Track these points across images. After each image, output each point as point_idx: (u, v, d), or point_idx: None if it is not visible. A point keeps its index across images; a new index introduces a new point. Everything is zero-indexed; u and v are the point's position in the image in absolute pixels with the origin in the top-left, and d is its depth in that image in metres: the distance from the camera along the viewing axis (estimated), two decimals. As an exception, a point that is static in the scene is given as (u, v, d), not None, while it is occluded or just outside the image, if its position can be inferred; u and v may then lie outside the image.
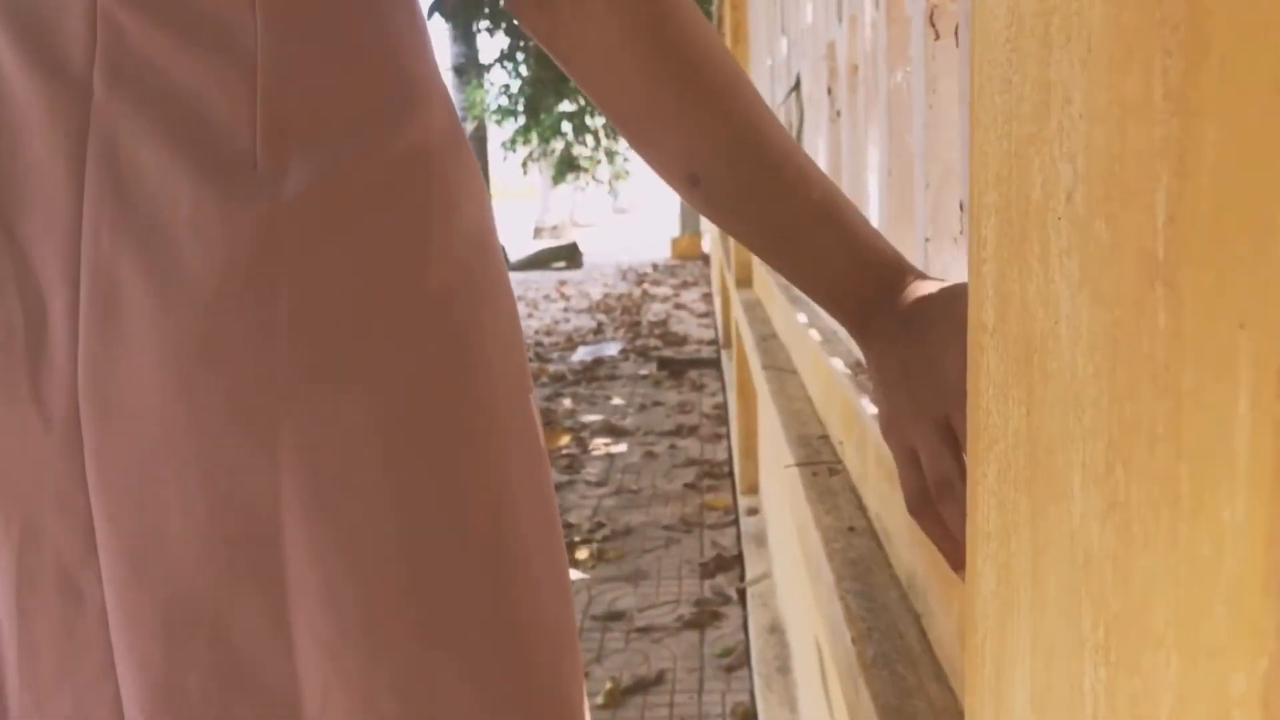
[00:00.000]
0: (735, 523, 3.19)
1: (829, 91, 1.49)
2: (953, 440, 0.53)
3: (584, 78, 0.61)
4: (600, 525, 3.23)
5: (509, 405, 0.59)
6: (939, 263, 0.87)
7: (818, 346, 1.41)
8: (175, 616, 0.50)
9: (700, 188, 0.61)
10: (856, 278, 0.59)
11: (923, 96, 0.86)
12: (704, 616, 2.56)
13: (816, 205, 0.60)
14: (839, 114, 1.48)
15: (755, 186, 0.60)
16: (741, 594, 2.65)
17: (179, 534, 0.50)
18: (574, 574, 2.87)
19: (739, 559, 2.89)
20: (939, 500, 0.53)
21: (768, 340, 2.20)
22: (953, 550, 0.54)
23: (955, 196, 0.87)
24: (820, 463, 1.22)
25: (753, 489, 3.33)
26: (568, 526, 3.24)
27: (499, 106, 12.36)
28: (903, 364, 0.55)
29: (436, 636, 0.54)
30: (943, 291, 0.56)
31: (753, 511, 3.13)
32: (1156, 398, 0.23)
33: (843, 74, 1.36)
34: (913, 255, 1.01)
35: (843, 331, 1.28)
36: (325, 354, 0.50)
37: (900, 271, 0.59)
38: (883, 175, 1.08)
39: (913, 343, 0.55)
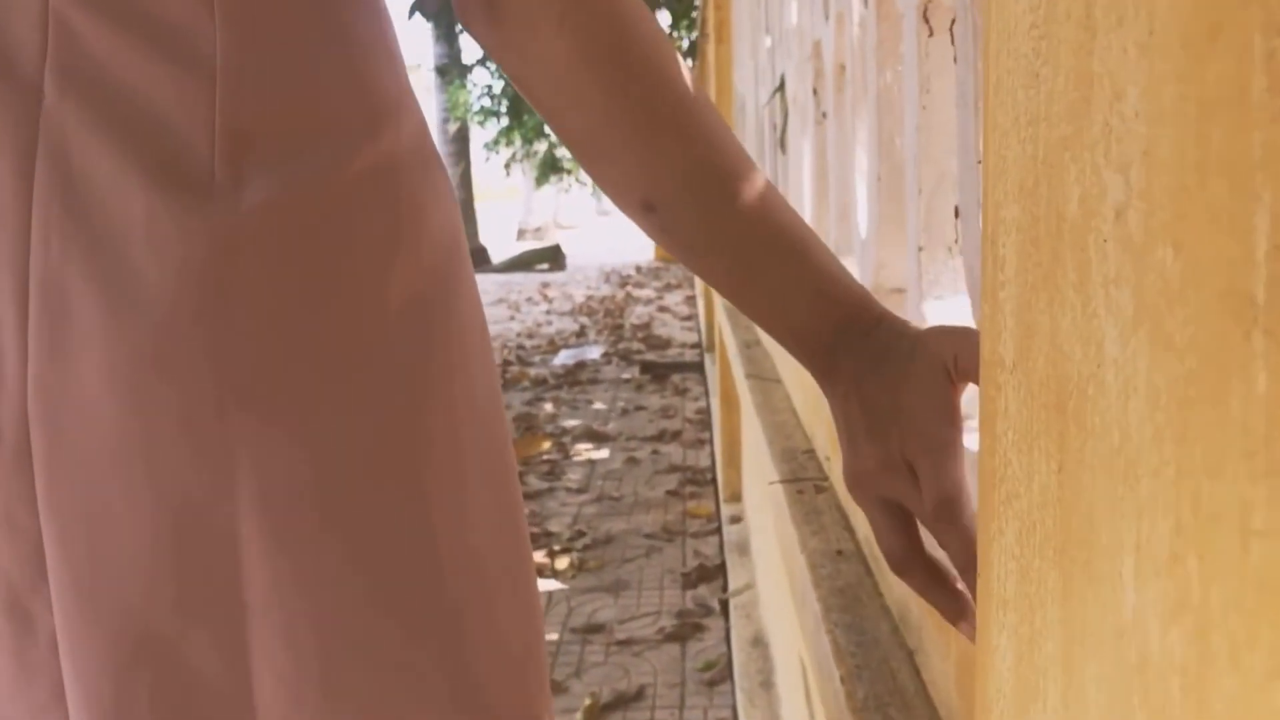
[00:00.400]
0: (718, 531, 3.14)
1: (814, 93, 1.44)
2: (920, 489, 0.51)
3: (533, 96, 0.59)
4: (580, 534, 3.18)
5: (476, 431, 0.56)
6: (931, 272, 0.82)
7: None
8: (125, 650, 0.49)
9: (656, 215, 0.58)
10: (819, 316, 0.56)
11: (915, 97, 0.81)
12: (686, 629, 2.51)
13: (779, 237, 0.57)
14: (825, 116, 1.43)
15: (713, 216, 0.57)
16: (724, 605, 2.60)
17: (130, 562, 0.48)
18: (553, 585, 2.82)
19: (722, 568, 2.84)
20: (924, 556, 0.52)
21: (751, 348, 2.15)
22: (949, 605, 0.51)
23: (950, 202, 0.82)
24: (805, 479, 1.17)
25: (736, 497, 3.28)
26: (548, 535, 3.19)
27: (481, 108, 12.29)
28: (867, 411, 0.53)
29: (396, 676, 0.52)
30: (912, 334, 0.54)
31: (736, 519, 3.08)
32: (1253, 481, 0.17)
33: (829, 74, 1.31)
34: (904, 265, 0.95)
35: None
36: (282, 373, 0.48)
37: (866, 311, 0.56)
38: (872, 180, 1.03)
39: (880, 387, 0.53)
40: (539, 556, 2.99)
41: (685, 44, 9.27)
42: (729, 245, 0.58)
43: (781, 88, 1.88)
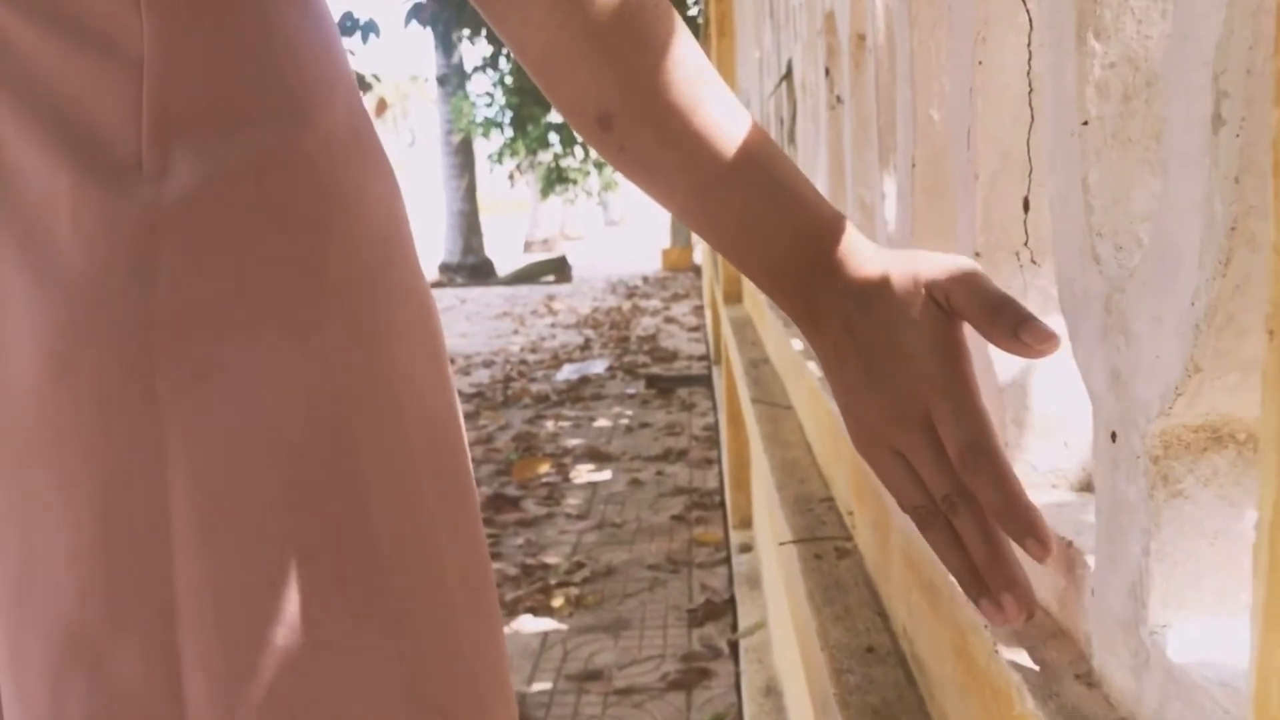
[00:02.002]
0: (727, 560, 2.92)
1: (826, 73, 1.23)
2: (940, 445, 0.48)
3: (490, 13, 0.57)
4: (579, 565, 2.96)
5: (424, 428, 0.54)
6: (997, 283, 0.61)
7: (816, 382, 1.15)
8: (58, 656, 0.47)
9: (613, 131, 0.56)
10: (792, 244, 0.54)
11: (969, 47, 0.60)
12: (691, 675, 2.29)
13: (744, 153, 0.55)
14: (840, 100, 1.22)
15: (672, 128, 0.55)
16: (734, 647, 2.38)
17: (64, 558, 0.47)
18: (549, 625, 2.60)
19: (731, 604, 2.62)
20: (951, 513, 0.48)
21: (759, 367, 1.94)
22: (970, 577, 0.48)
23: (1015, 191, 0.61)
24: (824, 539, 0.96)
25: (745, 523, 3.06)
26: (544, 568, 2.97)
27: (485, 119, 12.12)
28: (864, 358, 0.51)
29: (338, 673, 0.49)
30: (896, 259, 0.52)
31: (746, 548, 2.86)
32: None
33: (844, 48, 1.09)
34: None
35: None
36: (212, 352, 0.47)
37: (846, 236, 0.53)
38: (903, 170, 0.82)
39: (874, 331, 0.50)
40: (534, 592, 2.77)
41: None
42: (690, 162, 0.55)
43: (788, 75, 1.66)
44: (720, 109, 0.55)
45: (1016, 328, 0.47)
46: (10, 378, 0.46)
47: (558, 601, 2.70)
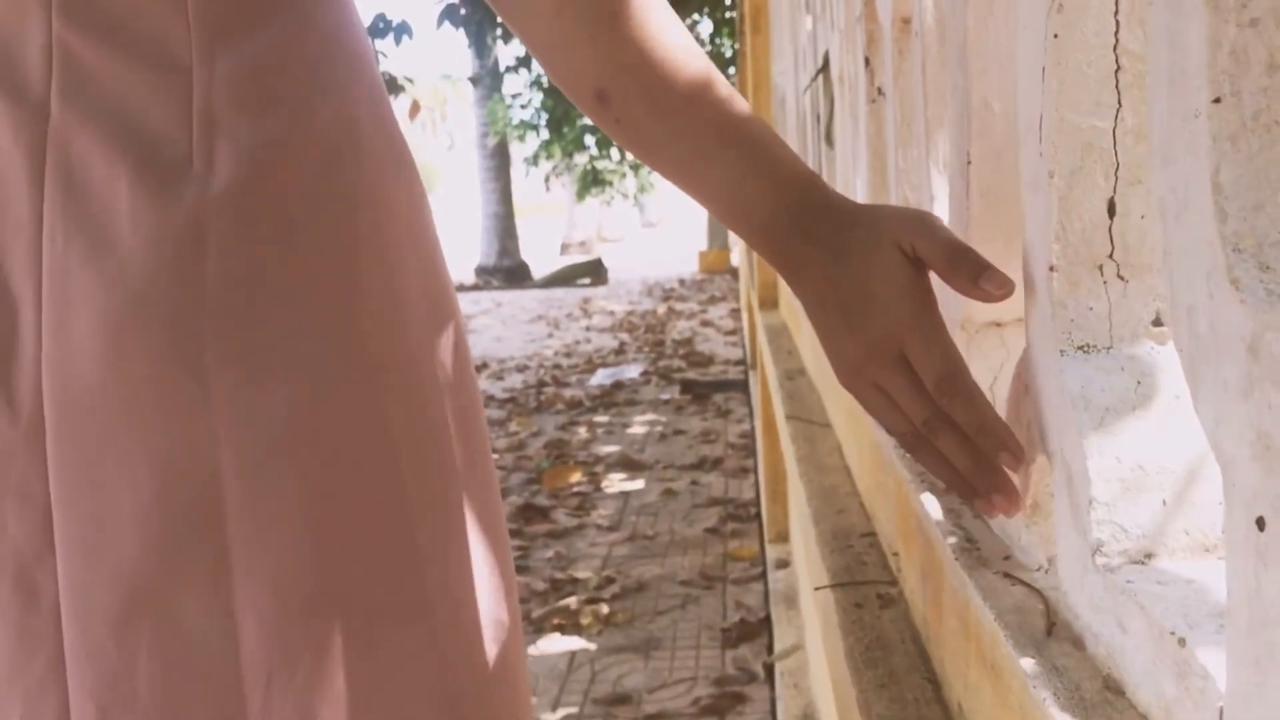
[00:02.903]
0: (763, 576, 2.81)
1: (866, 63, 1.12)
2: (918, 378, 0.54)
3: (499, 6, 0.62)
4: (610, 580, 2.86)
5: (448, 409, 0.59)
6: (1073, 307, 0.50)
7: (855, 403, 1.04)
8: (126, 604, 0.52)
9: (610, 106, 0.60)
10: (777, 202, 0.58)
11: (1040, 24, 0.50)
12: (725, 700, 2.18)
13: (733, 126, 0.59)
14: (881, 92, 1.11)
15: (666, 105, 0.59)
16: (769, 669, 2.28)
17: (129, 516, 0.51)
18: (577, 644, 2.51)
19: (767, 622, 2.51)
20: (934, 436, 0.54)
21: (795, 379, 1.83)
22: (960, 483, 0.54)
23: (1098, 192, 0.50)
24: (865, 583, 0.86)
25: (782, 536, 2.95)
26: (574, 581, 2.88)
27: (521, 122, 12.07)
28: (842, 304, 0.55)
29: (373, 623, 0.55)
30: (865, 221, 0.56)
31: (782, 564, 2.75)
32: None
33: (887, 34, 0.99)
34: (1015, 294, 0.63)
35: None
36: (257, 331, 0.52)
37: (818, 191, 0.58)
38: (956, 168, 0.71)
39: (849, 279, 0.55)
40: (562, 609, 2.68)
41: (729, 52, 8.97)
42: (683, 134, 0.60)
43: (824, 69, 1.56)
44: (710, 84, 0.59)
45: (977, 275, 0.53)
46: (78, 359, 0.51)
47: (586, 619, 2.60)
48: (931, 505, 0.69)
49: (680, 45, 0.59)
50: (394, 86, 6.73)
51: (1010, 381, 0.75)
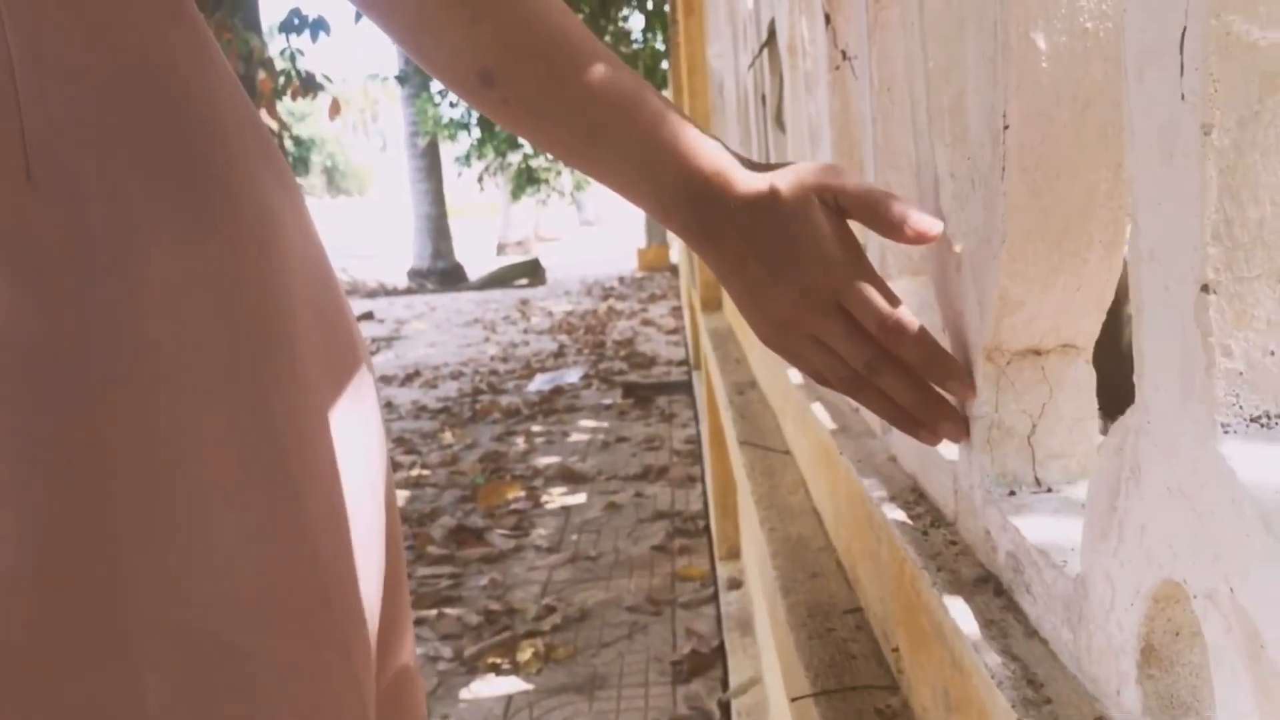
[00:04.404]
0: (714, 598, 2.61)
1: (827, 21, 0.92)
2: (855, 322, 0.54)
3: None
4: (550, 610, 2.64)
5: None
6: (1245, 345, 0.30)
7: (829, 436, 0.84)
8: None
9: (495, 87, 0.58)
10: (684, 169, 0.56)
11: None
12: (678, 747, 1.98)
13: (632, 96, 0.57)
14: (846, 56, 0.91)
15: (558, 79, 0.57)
16: (724, 707, 2.08)
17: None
18: (515, 686, 2.28)
19: (720, 653, 2.31)
20: (875, 377, 0.54)
21: (745, 393, 1.62)
22: (905, 418, 0.55)
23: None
24: (856, 689, 0.66)
25: (733, 553, 2.75)
26: (511, 613, 2.65)
27: (450, 120, 11.77)
28: (768, 258, 0.54)
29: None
30: (780, 177, 0.55)
31: (734, 584, 2.55)
32: None
33: (856, -21, 0.79)
34: (1062, 318, 0.43)
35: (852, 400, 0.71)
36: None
37: (726, 155, 0.57)
38: (983, 136, 0.52)
39: (775, 232, 0.54)
40: (498, 645, 2.45)
41: (661, 44, 8.76)
42: (580, 108, 0.57)
43: (770, 40, 1.35)
44: (601, 56, 0.57)
45: (901, 220, 0.53)
46: None
47: (525, 655, 2.38)
48: (963, 617, 0.48)
49: (565, 20, 0.57)
50: (313, 85, 6.42)
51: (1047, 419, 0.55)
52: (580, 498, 3.61)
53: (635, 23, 9.07)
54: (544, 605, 2.66)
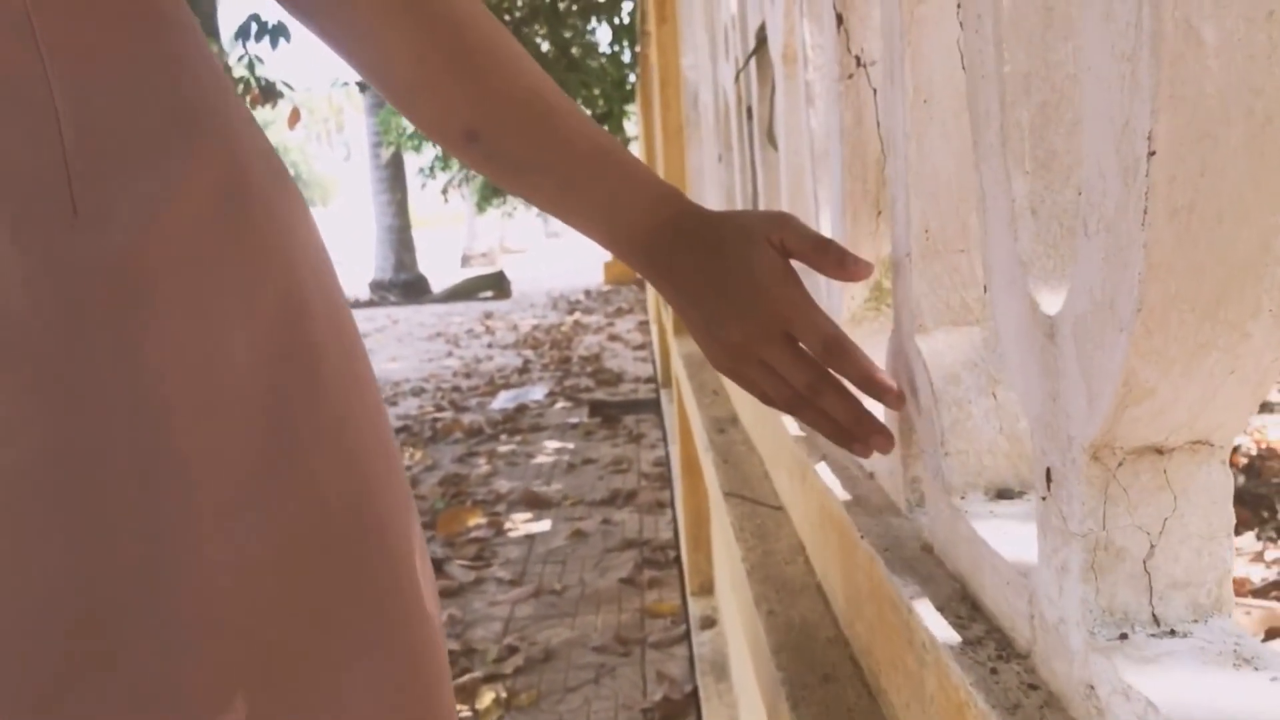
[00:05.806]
0: (686, 637, 2.47)
1: (839, 22, 0.79)
2: (799, 349, 0.60)
3: (344, 51, 0.63)
4: (512, 650, 2.49)
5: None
6: None
7: (841, 513, 0.71)
8: None
9: (479, 143, 0.63)
10: (656, 219, 0.63)
11: None
12: (650, 808, 1.84)
13: (601, 148, 0.64)
14: (861, 63, 0.78)
15: (535, 136, 0.63)
16: (700, 763, 1.94)
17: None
18: (472, 737, 2.13)
19: (693, 699, 2.17)
20: (816, 397, 0.60)
21: (726, 431, 1.49)
22: (838, 432, 0.61)
23: None
24: None
25: (706, 588, 2.62)
26: (470, 653, 2.50)
27: (414, 131, 11.59)
28: (724, 295, 0.60)
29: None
30: (733, 223, 0.62)
31: (708, 623, 2.42)
32: None
33: (881, -31, 0.65)
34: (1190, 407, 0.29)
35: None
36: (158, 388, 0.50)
37: (687, 204, 0.64)
38: (1114, 166, 0.38)
39: (729, 273, 0.60)
40: (456, 690, 2.30)
41: (628, 57, 8.65)
42: (556, 162, 0.63)
43: (761, 45, 1.22)
44: (571, 112, 0.64)
45: (841, 260, 0.60)
46: None
47: (485, 701, 2.23)
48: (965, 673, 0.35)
49: (540, 80, 0.63)
50: (272, 93, 6.25)
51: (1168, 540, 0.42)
52: (545, 525, 3.46)
53: (603, 35, 8.95)
54: (505, 645, 2.51)
